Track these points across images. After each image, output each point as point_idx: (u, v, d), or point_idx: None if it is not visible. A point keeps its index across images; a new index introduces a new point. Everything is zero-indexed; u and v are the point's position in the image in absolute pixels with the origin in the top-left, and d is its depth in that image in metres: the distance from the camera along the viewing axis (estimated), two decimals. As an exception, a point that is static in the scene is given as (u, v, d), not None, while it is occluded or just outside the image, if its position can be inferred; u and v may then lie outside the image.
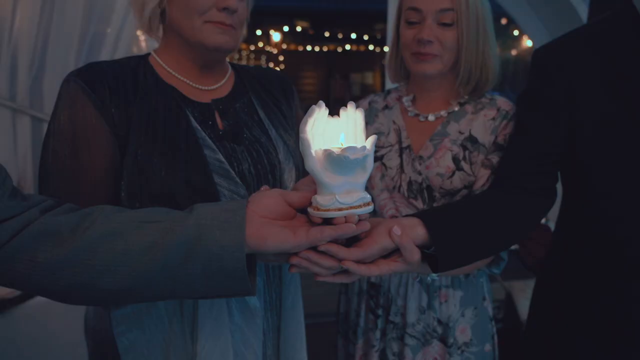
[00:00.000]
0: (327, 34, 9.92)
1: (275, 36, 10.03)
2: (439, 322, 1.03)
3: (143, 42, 2.31)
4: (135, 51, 2.22)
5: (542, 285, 1.03)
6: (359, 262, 0.67)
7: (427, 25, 0.96)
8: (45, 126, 2.17)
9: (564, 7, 2.61)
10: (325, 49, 10.40)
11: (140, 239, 0.61)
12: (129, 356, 0.82)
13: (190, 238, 0.61)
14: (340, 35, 10.03)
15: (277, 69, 10.38)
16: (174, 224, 0.62)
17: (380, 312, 1.07)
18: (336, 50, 10.46)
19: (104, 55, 2.11)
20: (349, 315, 1.15)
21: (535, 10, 2.87)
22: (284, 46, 10.23)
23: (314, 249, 0.65)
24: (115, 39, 2.09)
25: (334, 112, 0.65)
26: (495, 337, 1.08)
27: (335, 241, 0.65)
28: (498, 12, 2.97)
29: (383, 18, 2.79)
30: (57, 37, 2.00)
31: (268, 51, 10.13)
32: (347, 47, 10.35)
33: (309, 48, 10.36)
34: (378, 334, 1.07)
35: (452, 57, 0.99)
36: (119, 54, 2.12)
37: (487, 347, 1.06)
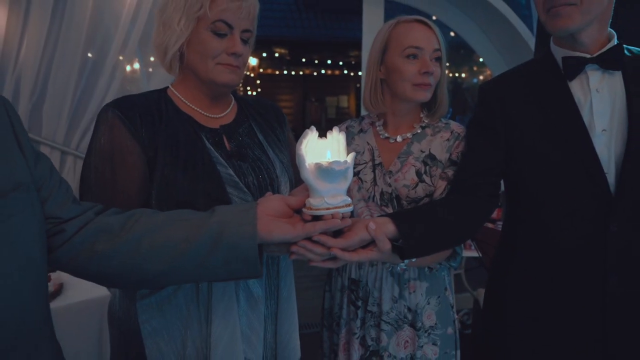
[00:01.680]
0: (303, 59, 10.21)
1: (252, 61, 10.28)
2: (409, 309, 1.22)
3: (127, 67, 2.47)
4: (117, 76, 2.35)
5: (490, 278, 1.24)
6: (343, 250, 0.87)
7: (428, 60, 1.18)
8: (43, 149, 2.31)
9: (517, 41, 2.95)
10: (301, 72, 10.67)
11: (175, 234, 0.79)
12: (152, 340, 0.96)
13: (215, 232, 0.79)
14: (316, 61, 10.34)
15: (254, 93, 10.58)
16: (201, 221, 0.80)
17: (360, 303, 1.25)
18: (312, 74, 10.73)
19: (102, 83, 2.27)
20: (332, 309, 1.33)
21: (494, 44, 3.21)
22: (261, 70, 10.45)
23: (309, 239, 0.84)
24: (112, 68, 2.25)
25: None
26: (457, 322, 1.28)
27: (324, 233, 0.85)
28: (464, 43, 3.31)
29: (357, 46, 3.04)
30: (58, 68, 2.16)
31: (245, 74, 10.33)
32: (323, 71, 10.65)
33: (285, 72, 10.61)
34: (358, 322, 1.26)
35: (435, 88, 1.23)
36: (116, 83, 2.29)
37: (450, 330, 1.25)
